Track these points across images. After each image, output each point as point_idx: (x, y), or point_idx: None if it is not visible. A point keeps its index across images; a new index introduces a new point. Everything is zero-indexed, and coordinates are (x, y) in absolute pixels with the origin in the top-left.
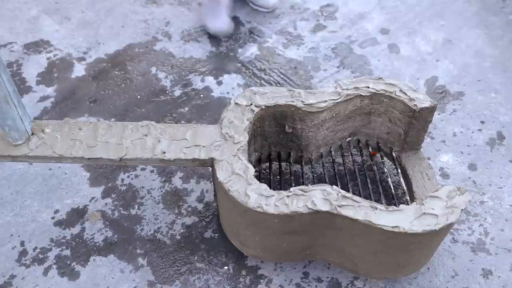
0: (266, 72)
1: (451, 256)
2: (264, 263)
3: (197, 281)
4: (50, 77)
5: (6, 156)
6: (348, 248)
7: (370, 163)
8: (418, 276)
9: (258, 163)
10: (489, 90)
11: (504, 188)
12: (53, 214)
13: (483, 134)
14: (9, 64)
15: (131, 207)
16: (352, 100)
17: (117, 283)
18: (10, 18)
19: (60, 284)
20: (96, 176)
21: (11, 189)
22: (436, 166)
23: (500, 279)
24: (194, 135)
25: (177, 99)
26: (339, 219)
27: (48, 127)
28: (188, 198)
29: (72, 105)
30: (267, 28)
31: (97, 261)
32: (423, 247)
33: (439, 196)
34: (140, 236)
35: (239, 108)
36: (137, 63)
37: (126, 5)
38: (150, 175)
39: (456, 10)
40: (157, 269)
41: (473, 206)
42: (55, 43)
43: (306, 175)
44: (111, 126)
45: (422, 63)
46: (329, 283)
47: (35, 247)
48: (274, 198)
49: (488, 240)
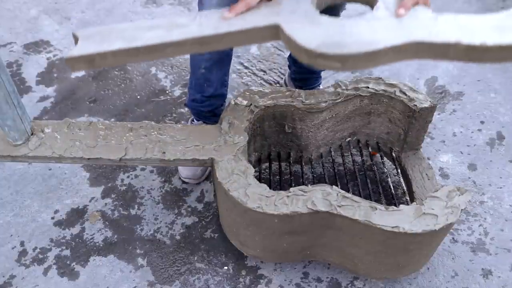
0: (266, 72)
1: (451, 256)
2: (264, 263)
3: (197, 281)
4: (50, 77)
5: (6, 156)
6: (348, 248)
7: (370, 163)
8: (418, 276)
9: (258, 163)
10: (488, 90)
11: (504, 188)
12: (53, 214)
13: (483, 134)
14: (8, 64)
15: (131, 207)
16: (352, 100)
17: (117, 283)
18: (10, 18)
19: (60, 284)
20: (96, 176)
21: (11, 189)
22: (436, 166)
23: (500, 279)
24: (193, 135)
25: (177, 99)
26: (339, 219)
27: (48, 127)
28: (188, 198)
29: (72, 105)
30: None
31: (97, 261)
32: (423, 247)
33: (439, 196)
34: (140, 236)
35: (238, 108)
36: (137, 63)
37: (126, 5)
38: (150, 175)
39: (456, 10)
40: (157, 269)
41: (473, 206)
42: (55, 43)
43: (306, 175)
44: (111, 126)
45: (422, 63)
46: (329, 283)
47: (35, 247)
48: (274, 198)
49: (488, 240)
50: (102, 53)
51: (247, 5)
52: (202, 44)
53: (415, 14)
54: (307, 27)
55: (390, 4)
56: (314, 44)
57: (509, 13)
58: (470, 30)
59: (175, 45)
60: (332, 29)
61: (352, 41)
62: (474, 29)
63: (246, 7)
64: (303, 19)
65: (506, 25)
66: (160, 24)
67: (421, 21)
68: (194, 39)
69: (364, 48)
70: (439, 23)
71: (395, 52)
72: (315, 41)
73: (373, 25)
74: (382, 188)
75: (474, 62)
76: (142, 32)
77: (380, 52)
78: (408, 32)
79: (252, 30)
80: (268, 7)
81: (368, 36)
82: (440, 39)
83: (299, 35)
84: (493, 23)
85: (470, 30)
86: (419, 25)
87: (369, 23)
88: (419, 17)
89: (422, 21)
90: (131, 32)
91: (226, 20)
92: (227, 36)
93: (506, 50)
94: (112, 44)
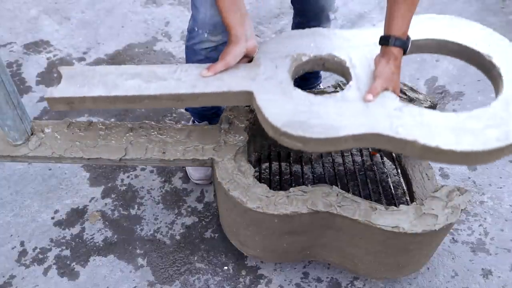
0: None
1: (451, 256)
2: (264, 263)
3: (197, 281)
4: (50, 77)
5: (6, 156)
6: (348, 248)
7: (370, 163)
8: (418, 276)
9: (258, 163)
10: (488, 90)
11: (504, 188)
12: (53, 214)
13: None
14: (8, 64)
15: (131, 207)
16: None
17: (117, 283)
18: (10, 18)
19: (59, 284)
20: (96, 176)
21: (10, 189)
22: (436, 166)
23: (500, 279)
24: (194, 135)
25: None
26: (339, 219)
27: (48, 127)
28: (188, 198)
29: None
30: (267, 28)
31: (97, 261)
32: (423, 247)
33: (439, 196)
34: (140, 236)
35: (238, 108)
36: (137, 63)
37: (126, 5)
38: (150, 175)
39: (456, 10)
40: (157, 269)
41: (473, 206)
42: (54, 43)
43: (306, 175)
44: (111, 126)
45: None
46: (329, 283)
47: (35, 247)
48: (274, 198)
49: (488, 240)
50: (81, 97)
51: (226, 65)
52: (177, 100)
53: (383, 101)
54: (278, 100)
55: (362, 84)
56: (280, 122)
57: (471, 115)
58: (430, 129)
59: (152, 98)
60: (301, 106)
61: (317, 123)
62: (434, 129)
63: (225, 67)
64: (276, 90)
65: (465, 128)
66: (141, 73)
67: (387, 111)
68: (170, 95)
69: (326, 134)
70: (403, 116)
71: (355, 140)
72: (282, 119)
73: (340, 107)
74: (382, 188)
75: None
76: (124, 79)
77: (340, 139)
78: (372, 122)
79: (226, 93)
80: (246, 69)
81: (333, 120)
82: (399, 135)
83: (269, 109)
84: (454, 124)
85: (429, 130)
86: (383, 115)
87: (337, 104)
88: (385, 106)
89: (387, 111)
90: (113, 78)
91: (204, 77)
92: (202, 96)
93: (459, 155)
94: (93, 89)
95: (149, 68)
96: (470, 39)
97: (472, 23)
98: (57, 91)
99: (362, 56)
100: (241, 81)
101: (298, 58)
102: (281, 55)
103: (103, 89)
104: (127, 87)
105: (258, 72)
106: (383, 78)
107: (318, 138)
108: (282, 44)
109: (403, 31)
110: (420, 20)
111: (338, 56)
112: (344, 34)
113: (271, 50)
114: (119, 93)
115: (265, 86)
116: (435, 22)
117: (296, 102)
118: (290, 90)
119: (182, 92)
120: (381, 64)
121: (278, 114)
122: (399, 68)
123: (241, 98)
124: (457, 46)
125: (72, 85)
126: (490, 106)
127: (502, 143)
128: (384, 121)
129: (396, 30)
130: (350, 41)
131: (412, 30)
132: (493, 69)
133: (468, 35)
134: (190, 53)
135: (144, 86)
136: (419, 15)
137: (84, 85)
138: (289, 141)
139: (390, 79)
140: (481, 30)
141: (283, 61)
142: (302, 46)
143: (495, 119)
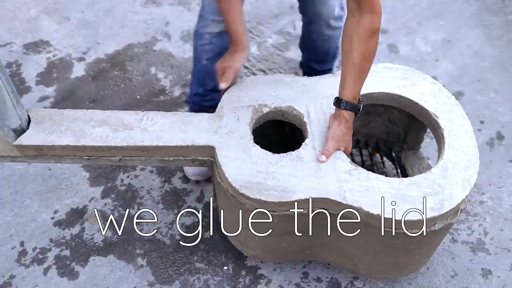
0: (266, 72)
1: (451, 256)
2: (263, 263)
3: (197, 281)
4: (50, 77)
5: (6, 156)
6: (347, 248)
7: (369, 163)
8: (418, 276)
9: None
10: (488, 90)
11: (504, 188)
12: (53, 214)
13: (483, 134)
14: (8, 64)
15: (131, 207)
16: None
17: (117, 283)
18: (10, 18)
19: (59, 284)
20: (96, 176)
21: (10, 189)
22: None
23: (499, 279)
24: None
25: (176, 99)
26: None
27: None
28: (187, 198)
29: (72, 105)
30: (266, 28)
31: (97, 261)
32: (422, 247)
33: None
34: (140, 236)
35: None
36: (136, 63)
37: (125, 5)
38: (150, 175)
39: (455, 10)
40: (157, 269)
41: (472, 206)
42: (54, 43)
43: None
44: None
45: (422, 63)
46: (329, 283)
47: (35, 247)
48: None
49: (487, 240)
50: (50, 145)
51: (236, 72)
52: (143, 151)
53: (334, 163)
54: (238, 158)
55: (317, 142)
56: (238, 183)
57: (411, 181)
58: (374, 196)
59: (118, 149)
60: (259, 166)
61: (272, 185)
62: (377, 196)
63: (236, 74)
64: (237, 146)
65: (405, 195)
66: (108, 120)
67: (337, 174)
68: (135, 146)
69: (280, 198)
70: (351, 181)
71: (307, 203)
72: (240, 179)
73: (296, 168)
74: None
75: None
76: (91, 126)
77: (293, 203)
78: (322, 186)
79: (190, 147)
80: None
81: (288, 182)
82: (346, 201)
83: (229, 167)
84: (397, 190)
85: (373, 196)
86: (333, 179)
87: (293, 164)
88: (336, 168)
89: (337, 175)
90: (80, 124)
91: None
92: (167, 149)
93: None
94: (61, 137)
95: (116, 114)
96: (420, 95)
97: (424, 76)
98: (25, 138)
99: (319, 110)
100: (204, 134)
101: (259, 109)
102: (243, 105)
103: (71, 137)
104: (94, 136)
105: (220, 124)
106: (335, 140)
107: (272, 202)
108: (245, 92)
109: (353, 95)
110: (377, 70)
111: (297, 109)
112: (305, 82)
113: (234, 99)
114: (87, 143)
115: (226, 141)
116: (391, 72)
117: (255, 161)
118: (250, 147)
119: (147, 144)
120: (333, 126)
121: (237, 174)
122: (350, 129)
123: (204, 151)
124: (409, 101)
125: (41, 132)
126: (430, 172)
127: (436, 213)
128: (333, 185)
129: (347, 95)
130: (309, 92)
131: (369, 81)
132: (438, 129)
133: (419, 90)
134: (196, 37)
135: (112, 135)
136: (377, 64)
137: (52, 132)
138: (247, 201)
139: (341, 140)
140: (431, 85)
141: (245, 112)
142: (263, 96)
143: (433, 187)
